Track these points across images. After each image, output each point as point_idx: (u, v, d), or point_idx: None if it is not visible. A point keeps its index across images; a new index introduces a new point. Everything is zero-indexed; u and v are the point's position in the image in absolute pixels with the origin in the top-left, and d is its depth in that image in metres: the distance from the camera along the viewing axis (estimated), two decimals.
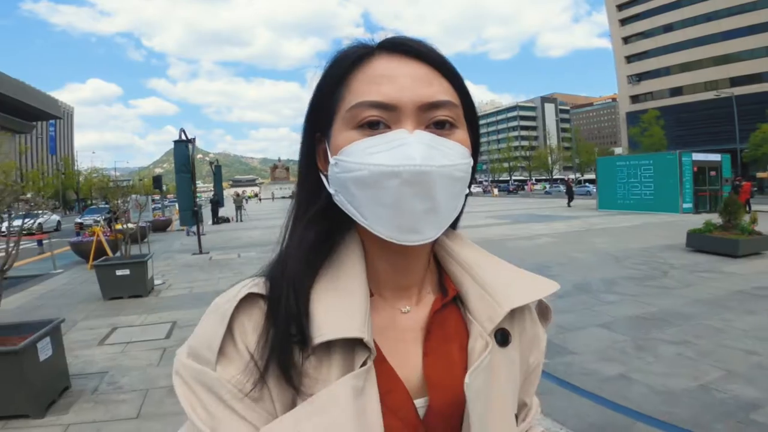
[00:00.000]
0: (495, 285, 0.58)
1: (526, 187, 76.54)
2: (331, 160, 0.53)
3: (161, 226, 20.08)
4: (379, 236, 0.51)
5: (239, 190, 55.55)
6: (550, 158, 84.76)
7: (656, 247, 10.38)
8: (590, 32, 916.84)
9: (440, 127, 0.52)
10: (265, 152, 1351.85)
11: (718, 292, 6.45)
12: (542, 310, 0.67)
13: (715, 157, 20.47)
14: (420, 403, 0.54)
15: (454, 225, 0.64)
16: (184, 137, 10.72)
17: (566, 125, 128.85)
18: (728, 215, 9.58)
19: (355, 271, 0.55)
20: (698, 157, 19.90)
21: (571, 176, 70.28)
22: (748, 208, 18.57)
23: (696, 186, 19.05)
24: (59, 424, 3.20)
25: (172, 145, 10.84)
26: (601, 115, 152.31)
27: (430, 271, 0.62)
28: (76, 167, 68.90)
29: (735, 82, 52.44)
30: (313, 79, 0.57)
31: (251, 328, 0.51)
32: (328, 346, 0.50)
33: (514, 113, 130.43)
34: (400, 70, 0.52)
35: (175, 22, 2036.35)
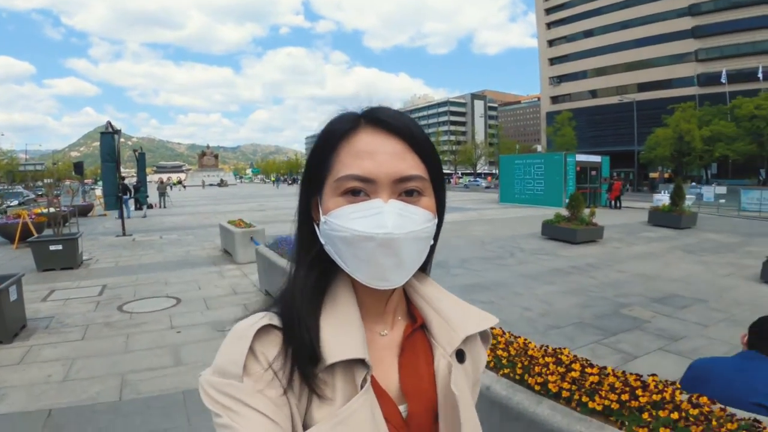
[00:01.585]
0: (452, 316, 0.73)
1: (451, 180, 79.53)
2: (322, 219, 0.66)
3: (83, 211, 20.27)
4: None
5: (164, 176, 54.24)
6: (475, 153, 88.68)
7: (520, 235, 12.52)
8: (525, 32, 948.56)
9: (409, 194, 0.65)
10: (193, 138, 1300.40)
11: (540, 269, 8.45)
12: (484, 334, 0.83)
13: (596, 158, 23.59)
14: (400, 409, 0.67)
15: (425, 269, 0.81)
16: (110, 129, 11.64)
17: (494, 122, 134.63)
18: (573, 209, 11.91)
19: (349, 303, 0.68)
20: (581, 158, 22.90)
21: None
22: (618, 204, 21.76)
23: (578, 184, 21.78)
24: (24, 346, 4.57)
25: (90, 128, 12.01)
26: (528, 114, 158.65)
27: (401, 303, 0.76)
28: None
29: (642, 87, 56.60)
30: (309, 143, 1.05)
31: (270, 350, 0.62)
32: (333, 364, 0.63)
33: (445, 108, 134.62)
34: (379, 146, 0.65)
35: (99, 0, 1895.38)
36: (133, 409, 3.36)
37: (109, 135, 11.65)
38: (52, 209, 9.44)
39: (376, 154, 0.64)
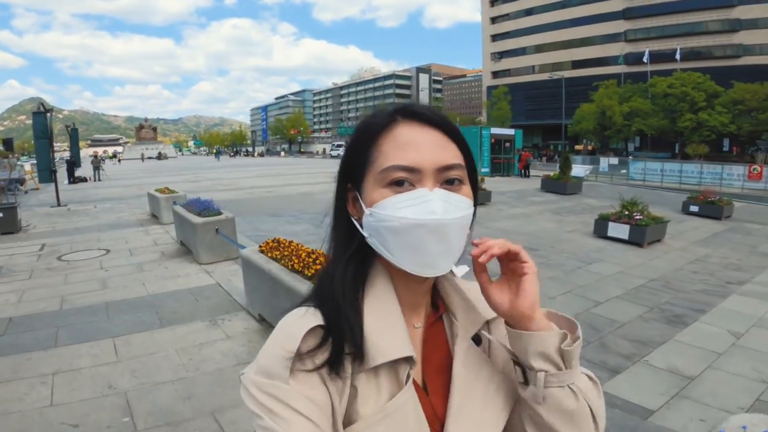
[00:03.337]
0: (476, 302, 0.76)
1: None
2: (366, 211, 0.67)
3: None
4: (403, 269, 0.66)
5: (99, 150, 52.88)
6: None
7: None
8: (474, 7, 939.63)
9: (451, 183, 0.67)
10: (131, 110, 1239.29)
11: None
12: None
13: (509, 131, 25.90)
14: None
15: None
16: (42, 109, 12.53)
17: (439, 95, 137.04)
18: None
19: (390, 298, 0.69)
20: (496, 131, 25.15)
21: None
22: (527, 173, 24.16)
23: (493, 154, 24.06)
24: None
25: (15, 102, 12.76)
26: (472, 87, 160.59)
27: (429, 293, 0.77)
28: None
29: (576, 64, 59.74)
30: (348, 138, 0.73)
31: (317, 351, 0.63)
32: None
33: (391, 81, 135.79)
34: (420, 137, 0.67)
35: None
36: (69, 314, 4.85)
37: (41, 114, 12.58)
38: None
39: (419, 144, 0.66)
